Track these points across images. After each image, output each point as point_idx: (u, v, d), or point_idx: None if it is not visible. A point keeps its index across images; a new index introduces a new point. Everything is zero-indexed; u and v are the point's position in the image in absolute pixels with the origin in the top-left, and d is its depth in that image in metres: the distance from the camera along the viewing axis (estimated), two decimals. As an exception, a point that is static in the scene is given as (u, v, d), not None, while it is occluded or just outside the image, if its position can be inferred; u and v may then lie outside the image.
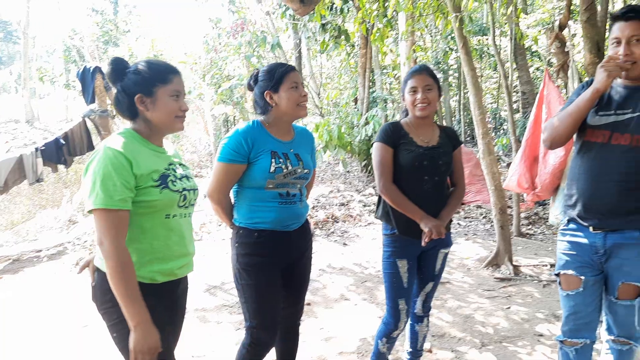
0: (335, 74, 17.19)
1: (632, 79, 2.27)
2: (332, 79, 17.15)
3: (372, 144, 2.80)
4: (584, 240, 2.40)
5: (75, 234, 6.36)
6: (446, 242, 2.83)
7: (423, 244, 2.58)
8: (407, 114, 2.81)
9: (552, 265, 5.29)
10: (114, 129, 6.67)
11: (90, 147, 6.84)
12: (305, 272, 2.66)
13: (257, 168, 2.36)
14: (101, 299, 1.90)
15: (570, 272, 2.45)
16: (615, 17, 2.23)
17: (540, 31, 12.51)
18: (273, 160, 2.38)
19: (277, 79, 2.40)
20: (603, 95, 2.34)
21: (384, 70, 13.79)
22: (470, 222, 7.43)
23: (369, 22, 5.22)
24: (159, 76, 1.93)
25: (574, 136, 2.50)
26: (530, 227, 6.99)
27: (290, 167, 2.42)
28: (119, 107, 1.99)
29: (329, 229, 6.96)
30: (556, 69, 5.33)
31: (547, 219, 7.12)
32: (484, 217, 7.44)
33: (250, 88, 2.52)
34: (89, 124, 6.88)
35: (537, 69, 18.06)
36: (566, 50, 5.14)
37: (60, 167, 7.20)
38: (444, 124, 15.26)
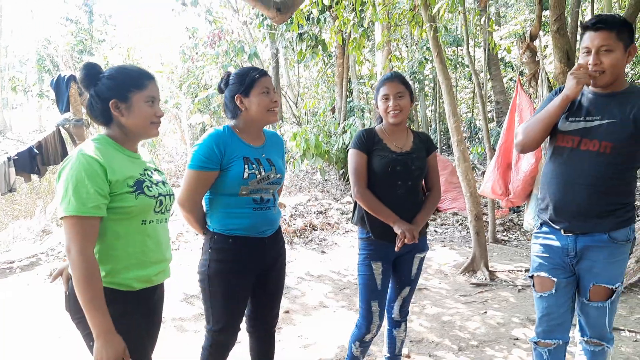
0: (313, 83, 17.28)
1: (601, 87, 2.34)
2: (310, 88, 17.23)
3: (347, 150, 2.85)
4: (556, 243, 2.47)
5: (49, 244, 6.24)
6: (421, 246, 2.86)
7: (396, 248, 2.62)
8: (381, 121, 2.85)
9: (527, 271, 5.37)
10: (89, 138, 6.60)
11: (65, 157, 6.74)
12: (279, 279, 2.65)
13: (230, 175, 2.34)
14: (74, 307, 1.88)
15: (543, 274, 2.52)
16: (586, 27, 2.30)
17: (512, 42, 12.77)
18: (246, 166, 2.36)
19: (248, 83, 2.38)
20: (573, 102, 2.42)
21: (361, 80, 13.92)
22: (447, 229, 7.51)
23: (345, 32, 5.27)
24: (134, 81, 1.93)
25: (546, 141, 2.58)
26: (505, 233, 7.10)
27: (263, 173, 2.41)
28: (92, 112, 1.98)
29: (307, 237, 6.97)
30: (528, 78, 5.45)
31: (522, 225, 7.24)
32: (459, 224, 7.53)
33: (221, 91, 2.50)
34: (64, 133, 6.79)
35: (510, 79, 18.41)
36: (537, 59, 5.26)
37: (34, 177, 7.09)
38: (420, 132, 15.48)
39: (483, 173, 9.04)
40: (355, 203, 2.84)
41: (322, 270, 5.67)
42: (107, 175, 1.81)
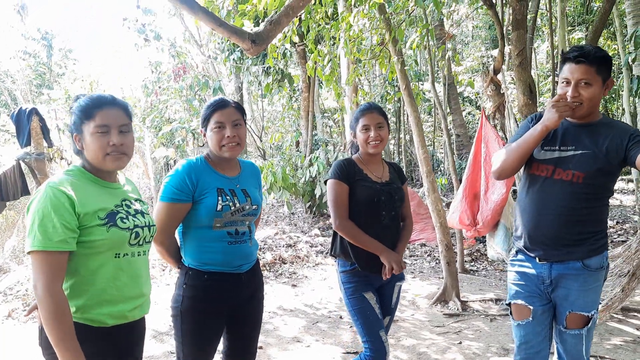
0: (276, 117, 17.36)
1: (577, 118, 2.41)
2: (274, 122, 17.29)
3: (326, 180, 2.80)
4: (532, 271, 2.49)
5: (7, 283, 5.95)
6: (401, 275, 2.86)
7: (384, 277, 2.60)
8: (357, 150, 2.86)
9: (498, 300, 5.42)
10: (51, 173, 6.41)
11: (25, 191, 6.50)
12: (257, 315, 2.56)
13: (203, 207, 2.28)
14: (46, 344, 1.79)
15: (520, 301, 2.53)
16: (567, 59, 2.33)
17: (471, 78, 13.19)
18: (219, 198, 2.30)
19: (205, 116, 2.37)
20: (549, 132, 2.48)
21: (325, 114, 14.08)
22: (416, 260, 7.55)
23: (320, 65, 5.34)
24: (83, 112, 1.86)
25: (520, 170, 2.63)
26: (473, 263, 7.18)
27: (237, 204, 2.34)
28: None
29: (277, 271, 6.88)
30: (492, 111, 5.63)
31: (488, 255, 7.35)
32: (428, 255, 7.59)
33: None
34: (24, 168, 6.56)
35: (469, 113, 18.95)
36: (501, 92, 5.44)
37: (-9, 213, 6.80)
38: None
39: (447, 204, 9.19)
40: (335, 234, 2.80)
41: (295, 304, 5.58)
42: (76, 207, 1.74)
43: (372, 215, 2.68)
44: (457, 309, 5.19)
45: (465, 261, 7.02)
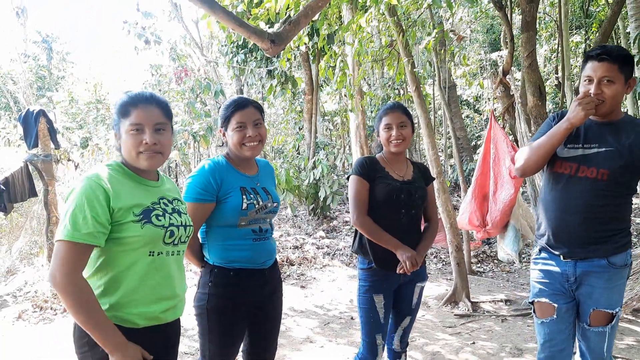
0: (276, 120, 17.37)
1: (599, 115, 2.43)
2: (274, 125, 17.31)
3: (348, 176, 2.83)
4: (556, 269, 2.49)
5: (16, 285, 5.93)
6: (422, 275, 2.86)
7: (398, 270, 2.60)
8: (381, 149, 2.88)
9: (508, 301, 5.43)
10: (58, 174, 6.40)
11: (33, 193, 6.49)
12: (278, 311, 2.59)
13: (229, 206, 2.30)
14: (79, 342, 1.79)
15: (544, 299, 2.53)
16: (589, 57, 2.36)
17: (469, 81, 13.22)
18: (244, 196, 2.33)
19: (225, 117, 2.40)
20: (573, 130, 2.50)
21: (325, 117, 14.11)
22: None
23: (329, 66, 5.36)
24: (120, 110, 1.87)
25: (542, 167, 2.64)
26: (479, 265, 7.19)
27: (261, 202, 2.38)
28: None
29: (285, 273, 6.87)
30: (502, 112, 5.65)
31: (495, 256, 7.36)
32: (435, 257, 7.60)
33: None
34: (32, 169, 6.55)
35: (467, 116, 19.01)
36: (511, 93, 5.47)
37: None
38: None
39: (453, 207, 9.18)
40: (356, 231, 2.82)
41: (305, 305, 5.58)
42: (110, 201, 1.74)
43: (390, 213, 2.69)
44: (468, 310, 5.19)
45: (472, 263, 7.03)
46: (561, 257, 2.47)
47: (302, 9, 3.36)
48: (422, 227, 2.91)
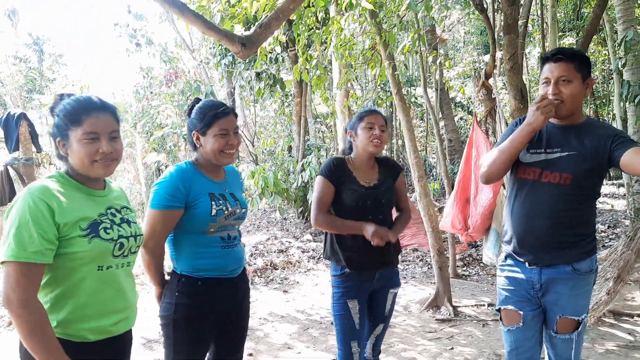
0: (269, 122, 17.33)
1: (560, 118, 2.40)
2: (266, 127, 17.26)
3: (316, 176, 2.81)
4: (521, 276, 2.46)
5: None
6: (395, 282, 2.84)
7: (373, 244, 2.54)
8: (350, 151, 2.83)
9: (490, 305, 5.40)
10: (39, 178, 6.33)
11: (13, 197, 6.43)
12: (245, 320, 2.55)
13: (198, 212, 2.24)
14: (24, 358, 1.72)
15: (510, 307, 2.50)
16: (546, 59, 2.36)
17: (464, 83, 13.23)
18: (213, 202, 2.27)
19: (206, 121, 2.29)
20: (535, 134, 2.47)
21: (317, 119, 14.06)
22: (408, 265, 7.52)
23: (310, 70, 5.33)
24: (70, 117, 1.76)
25: (508, 173, 2.61)
26: (465, 268, 7.16)
27: (230, 208, 2.33)
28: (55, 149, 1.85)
29: (268, 277, 6.82)
30: (484, 115, 5.62)
31: (481, 259, 7.33)
32: (420, 260, 7.57)
33: (189, 115, 2.40)
34: (12, 173, 6.50)
35: (461, 118, 19.00)
36: (493, 97, 5.43)
37: (-22, 219, 6.73)
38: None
39: (440, 209, 9.18)
40: (326, 236, 2.79)
41: (286, 310, 5.53)
42: (55, 217, 1.66)
43: (358, 219, 2.66)
44: (450, 315, 5.16)
45: (458, 266, 6.99)
46: (526, 264, 2.44)
47: (273, 12, 3.32)
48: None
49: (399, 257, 7.62)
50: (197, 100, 2.41)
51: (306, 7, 4.50)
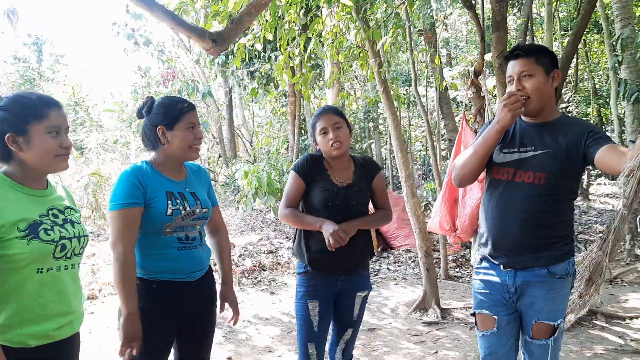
0: (267, 121, 17.28)
1: (530, 115, 2.33)
2: (264, 127, 17.21)
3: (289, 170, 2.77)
4: (496, 279, 2.39)
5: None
6: (362, 285, 2.73)
7: (330, 248, 2.46)
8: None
9: (478, 307, 5.30)
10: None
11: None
12: (209, 325, 2.44)
13: (153, 212, 2.16)
14: None
15: (484, 311, 2.43)
16: (506, 57, 2.34)
17: (454, 78, 13.08)
18: (169, 201, 2.19)
19: (174, 115, 2.23)
20: (507, 133, 2.39)
21: (316, 118, 13.95)
22: (400, 266, 7.42)
23: (291, 66, 5.24)
24: (31, 111, 1.74)
25: (483, 174, 2.52)
26: (457, 269, 7.05)
27: (188, 208, 2.24)
28: None
29: (256, 278, 6.73)
30: (474, 114, 5.52)
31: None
32: (412, 261, 7.45)
33: (140, 116, 2.32)
34: None
35: (467, 118, 18.86)
36: (482, 95, 5.33)
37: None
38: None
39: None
40: (295, 232, 2.71)
41: (271, 312, 5.44)
42: None
43: (327, 217, 2.56)
44: (437, 317, 5.05)
45: (450, 267, 6.89)
46: (501, 266, 2.37)
47: (244, 7, 3.23)
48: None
49: (391, 257, 7.50)
50: (152, 98, 2.33)
51: (288, 3, 4.41)
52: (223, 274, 2.56)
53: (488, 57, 5.54)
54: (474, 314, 2.51)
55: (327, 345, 2.80)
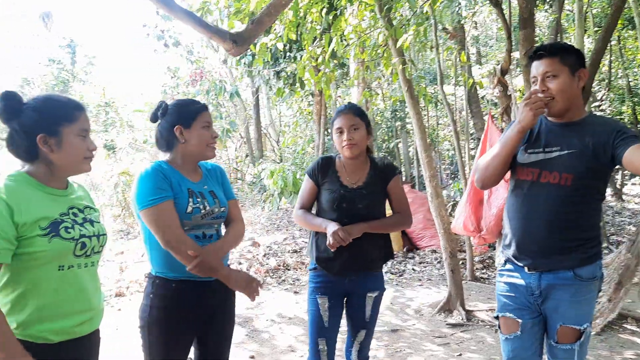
0: (293, 121, 17.33)
1: (555, 115, 2.27)
2: (291, 126, 17.26)
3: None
4: (520, 281, 2.34)
5: None
6: (374, 285, 2.71)
7: (331, 248, 2.49)
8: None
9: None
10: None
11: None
12: (228, 325, 2.45)
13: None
14: None
15: (508, 314, 2.38)
16: (530, 58, 2.29)
17: (483, 76, 12.86)
18: (190, 199, 2.20)
19: (191, 114, 2.27)
20: (532, 133, 2.34)
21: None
22: (425, 267, 7.34)
23: (314, 67, 5.24)
24: (63, 113, 1.79)
25: (508, 175, 2.48)
26: (484, 271, 6.94)
27: (207, 207, 2.26)
28: (15, 147, 1.80)
29: (280, 277, 6.75)
30: (500, 113, 5.42)
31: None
32: (438, 262, 7.37)
33: (155, 119, 2.34)
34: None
35: (493, 116, 18.58)
36: (508, 93, 5.23)
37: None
38: (403, 170, 15.38)
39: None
40: (310, 232, 2.76)
41: (295, 312, 5.44)
42: (14, 216, 1.64)
43: (334, 219, 2.58)
44: (462, 319, 4.98)
45: (477, 269, 6.79)
46: (526, 268, 2.31)
47: (264, 7, 3.24)
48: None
49: (416, 258, 7.43)
50: (165, 102, 2.37)
51: (311, 3, 4.40)
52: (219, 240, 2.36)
53: (516, 55, 5.45)
54: (497, 317, 2.47)
55: (343, 347, 2.81)
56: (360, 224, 2.55)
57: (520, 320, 2.34)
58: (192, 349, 2.39)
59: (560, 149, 2.23)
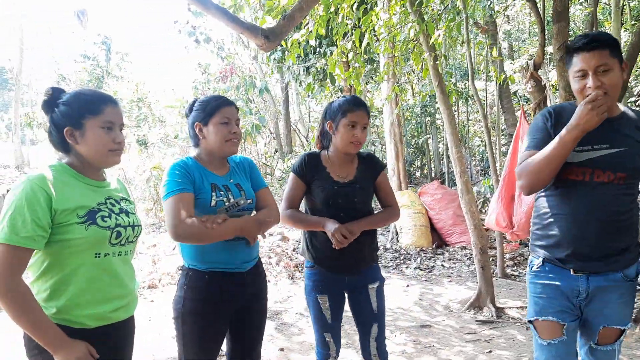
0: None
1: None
2: (318, 121, 17.29)
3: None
4: (562, 284, 2.24)
5: None
6: (373, 276, 2.69)
7: (335, 247, 2.47)
8: (328, 145, 2.70)
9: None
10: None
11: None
12: (261, 316, 2.49)
13: (199, 203, 2.23)
14: (28, 344, 1.79)
15: (550, 318, 2.25)
16: (577, 49, 2.09)
17: (515, 71, 12.63)
18: (213, 193, 2.25)
19: (208, 111, 2.30)
20: None
21: (371, 113, 13.90)
22: (455, 263, 7.29)
23: (344, 62, 5.25)
24: (88, 107, 1.85)
25: None
26: (515, 268, 6.85)
27: (232, 199, 2.29)
28: (51, 141, 1.91)
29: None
30: (533, 108, 5.33)
31: (533, 259, 6.99)
32: (468, 259, 7.31)
33: (186, 116, 2.42)
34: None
35: (526, 112, 18.25)
36: (542, 89, 5.14)
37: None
38: (432, 166, 15.24)
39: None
40: (303, 233, 2.71)
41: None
42: (52, 204, 1.71)
43: (330, 216, 2.56)
44: (492, 316, 4.94)
45: (507, 265, 6.71)
46: (571, 270, 2.20)
47: (296, 3, 3.26)
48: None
49: (446, 254, 7.38)
50: (195, 99, 2.43)
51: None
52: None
53: (549, 49, 5.35)
54: (531, 321, 2.33)
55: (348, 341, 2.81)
56: (360, 221, 2.54)
57: (565, 324, 2.22)
58: (225, 340, 2.44)
59: (610, 147, 2.12)
